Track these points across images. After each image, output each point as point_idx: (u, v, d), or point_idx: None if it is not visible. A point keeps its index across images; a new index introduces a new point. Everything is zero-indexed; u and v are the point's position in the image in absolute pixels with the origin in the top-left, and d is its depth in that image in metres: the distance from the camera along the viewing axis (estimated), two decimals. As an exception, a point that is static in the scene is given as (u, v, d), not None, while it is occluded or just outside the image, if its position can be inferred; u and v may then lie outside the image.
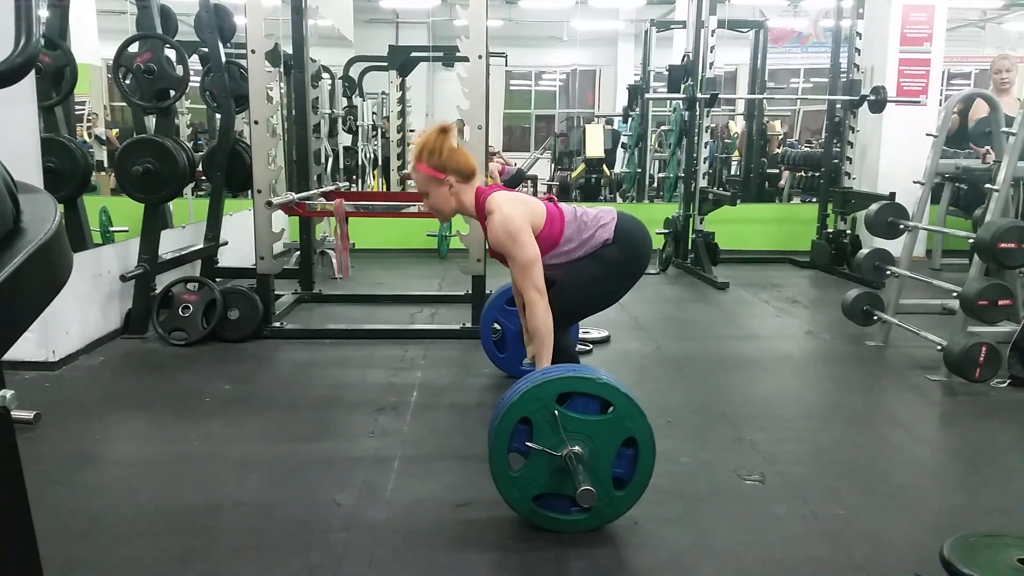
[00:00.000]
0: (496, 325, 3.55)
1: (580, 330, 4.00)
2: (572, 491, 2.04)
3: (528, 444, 2.09)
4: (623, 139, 10.61)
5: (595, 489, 2.05)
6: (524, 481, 2.13)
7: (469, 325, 4.27)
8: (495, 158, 10.42)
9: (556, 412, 2.08)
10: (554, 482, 2.11)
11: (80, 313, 3.83)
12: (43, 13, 4.12)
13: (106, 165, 9.17)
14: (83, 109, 9.92)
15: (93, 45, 9.39)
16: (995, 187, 3.67)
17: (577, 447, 2.08)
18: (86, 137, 9.58)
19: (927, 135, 4.28)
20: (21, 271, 0.91)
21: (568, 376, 2.13)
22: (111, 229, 5.93)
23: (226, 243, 5.08)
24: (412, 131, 10.69)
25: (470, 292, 4.31)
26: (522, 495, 2.14)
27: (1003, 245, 3.37)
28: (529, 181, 9.79)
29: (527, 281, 2.49)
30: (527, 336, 2.86)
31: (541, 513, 2.15)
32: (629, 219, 2.69)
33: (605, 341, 4.25)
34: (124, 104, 8.67)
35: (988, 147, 4.88)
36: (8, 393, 0.88)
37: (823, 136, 7.54)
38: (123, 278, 4.10)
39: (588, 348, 4.08)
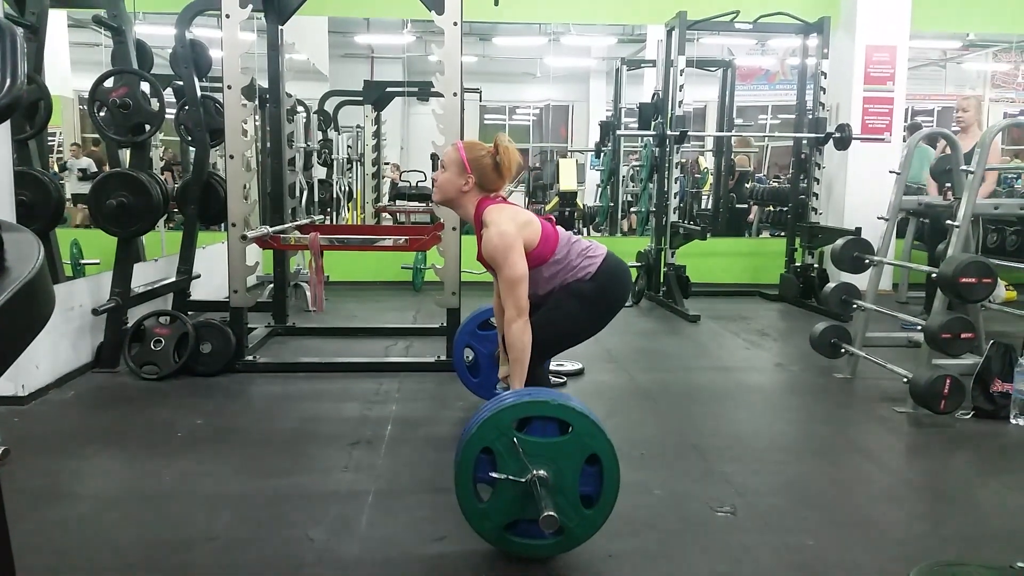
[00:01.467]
0: (469, 350, 3.56)
1: (553, 362, 4.04)
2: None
3: (492, 474, 2.10)
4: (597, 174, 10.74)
5: (564, 510, 2.06)
6: (493, 511, 2.13)
7: (444, 358, 4.28)
8: None
9: (515, 439, 2.09)
10: (523, 508, 2.11)
11: (50, 347, 3.79)
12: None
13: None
14: (54, 140, 9.87)
15: (65, 77, 9.37)
16: (956, 223, 3.78)
17: (541, 471, 2.08)
18: (56, 168, 9.52)
19: (890, 172, 4.41)
20: (5, 309, 0.93)
21: (523, 402, 2.14)
22: (82, 262, 5.88)
23: (198, 276, 5.06)
24: (387, 164, 10.75)
25: (445, 325, 4.33)
26: (493, 525, 2.14)
27: (964, 280, 3.46)
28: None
29: (510, 298, 2.53)
30: (502, 356, 2.88)
31: (515, 541, 2.16)
32: (615, 259, 2.75)
33: (579, 373, 4.28)
34: (96, 135, 8.64)
35: (948, 184, 5.02)
36: (-8, 430, 0.89)
37: (790, 172, 7.70)
38: (95, 312, 4.07)
39: (562, 380, 4.11)
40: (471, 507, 2.14)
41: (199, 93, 4.70)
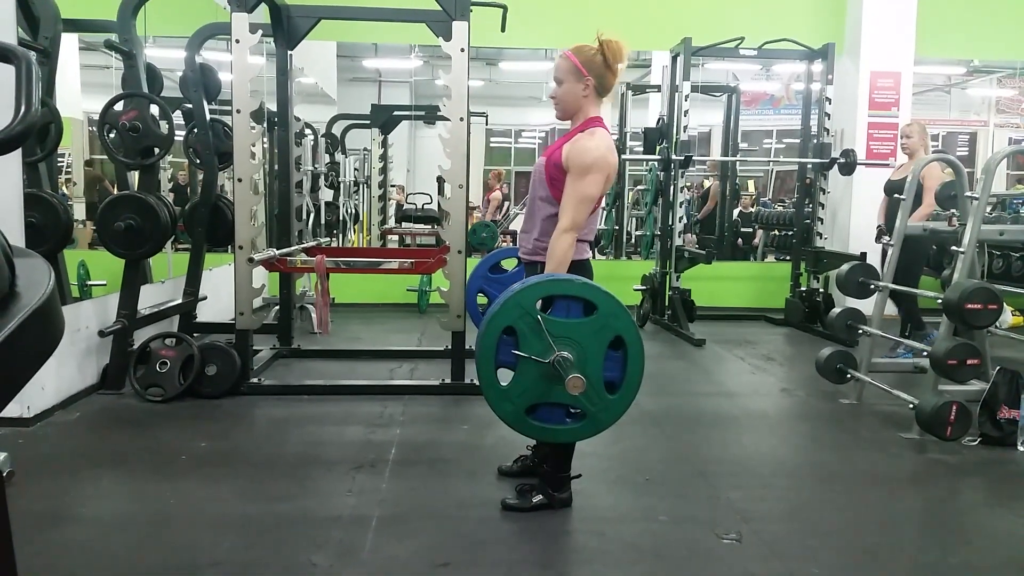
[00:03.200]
0: (482, 295, 3.54)
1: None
2: (564, 398, 2.00)
3: (515, 352, 2.06)
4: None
5: (588, 395, 2.01)
6: (515, 393, 2.08)
7: (449, 381, 4.28)
8: (499, 186, 10.60)
9: (539, 318, 2.04)
10: (546, 391, 2.06)
11: (56, 368, 3.80)
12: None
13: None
14: (63, 161, 9.93)
15: (75, 99, 9.44)
16: (961, 249, 3.78)
17: (565, 352, 2.04)
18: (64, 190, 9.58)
19: (895, 197, 4.41)
20: (16, 335, 0.94)
21: (547, 280, 2.11)
22: (89, 283, 5.90)
23: (205, 298, 5.08)
24: (393, 187, 10.80)
25: (449, 347, 4.33)
26: (514, 408, 2.09)
27: (970, 306, 3.46)
28: (509, 237, 9.95)
29: (571, 209, 2.45)
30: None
31: (535, 425, 2.11)
32: (589, 266, 2.67)
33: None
34: (104, 157, 8.70)
35: (953, 210, 5.02)
36: (1, 455, 0.90)
37: (795, 196, 7.72)
38: (101, 333, 4.08)
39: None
40: (492, 388, 2.09)
41: (208, 116, 4.74)
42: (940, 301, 3.65)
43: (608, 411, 2.11)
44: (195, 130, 4.81)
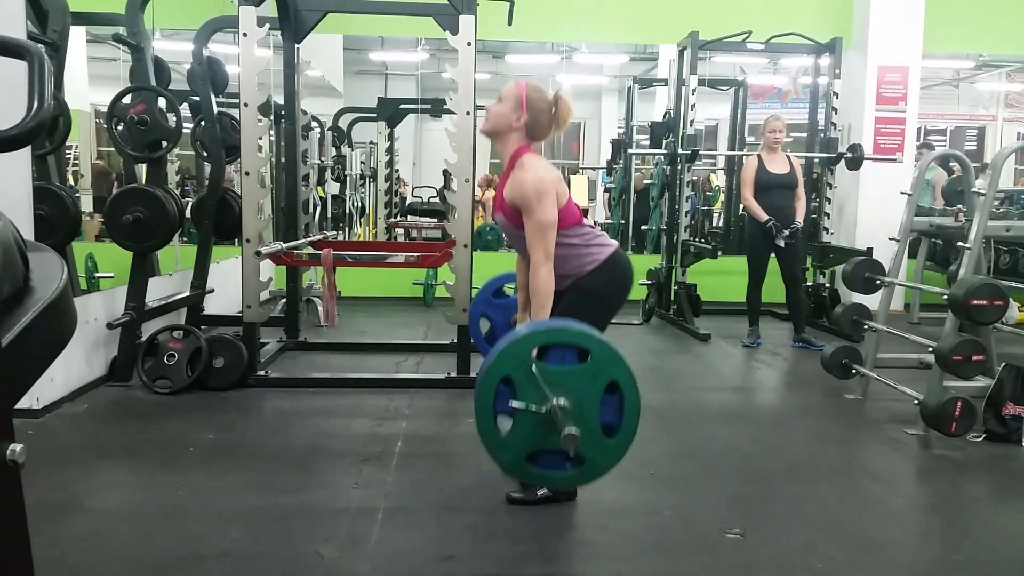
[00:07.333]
0: (485, 319, 3.57)
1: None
2: (562, 444, 2.02)
3: (512, 403, 2.08)
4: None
5: (585, 440, 2.03)
6: (514, 442, 2.11)
7: (455, 374, 4.30)
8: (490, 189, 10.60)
9: (534, 367, 2.07)
10: (544, 439, 2.09)
11: (65, 360, 3.82)
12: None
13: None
14: (70, 153, 9.96)
15: (83, 91, 9.47)
16: (967, 245, 3.77)
17: (561, 399, 2.06)
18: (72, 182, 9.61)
19: (902, 193, 4.41)
20: (30, 328, 0.95)
21: (541, 330, 2.14)
22: (96, 275, 5.93)
23: (212, 291, 5.10)
24: (399, 180, 10.81)
25: (455, 341, 4.34)
26: (514, 456, 2.12)
27: (975, 302, 3.45)
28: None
29: (538, 243, 2.54)
30: (521, 318, 2.91)
31: (536, 473, 2.13)
32: (621, 252, 2.78)
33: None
34: (111, 149, 8.73)
35: (960, 205, 5.01)
36: (18, 447, 0.91)
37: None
38: (110, 326, 4.11)
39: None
40: (491, 438, 2.11)
41: (215, 110, 4.75)
42: (946, 297, 3.65)
43: (606, 455, 2.14)
44: (202, 123, 4.82)
